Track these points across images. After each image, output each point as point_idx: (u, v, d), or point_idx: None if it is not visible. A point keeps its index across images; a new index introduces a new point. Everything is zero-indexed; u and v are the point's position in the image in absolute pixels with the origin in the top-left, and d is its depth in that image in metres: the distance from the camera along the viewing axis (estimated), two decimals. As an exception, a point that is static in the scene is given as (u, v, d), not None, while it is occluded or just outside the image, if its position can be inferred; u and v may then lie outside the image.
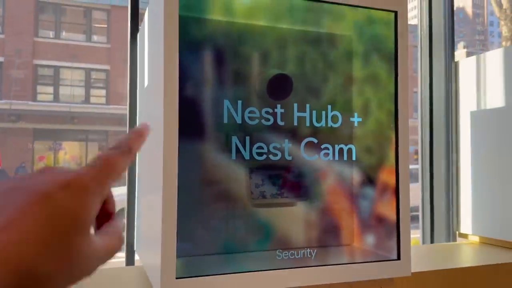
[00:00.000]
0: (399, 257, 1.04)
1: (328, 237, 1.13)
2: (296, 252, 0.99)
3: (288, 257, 0.98)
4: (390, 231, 1.06)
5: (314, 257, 1.00)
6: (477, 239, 1.62)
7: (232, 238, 1.05)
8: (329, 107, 1.06)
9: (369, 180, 1.13)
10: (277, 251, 0.98)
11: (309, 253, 1.00)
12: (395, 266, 1.04)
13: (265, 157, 1.00)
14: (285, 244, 1.07)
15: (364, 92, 1.13)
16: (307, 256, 1.00)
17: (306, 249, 1.00)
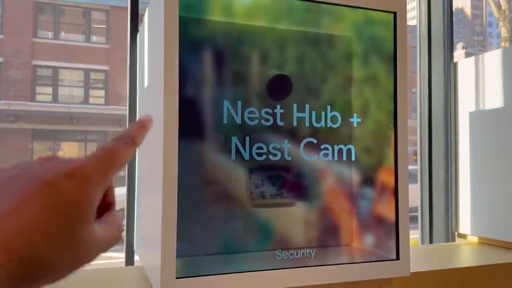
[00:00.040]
0: (398, 257, 1.04)
1: (328, 237, 1.13)
2: (295, 252, 0.99)
3: (288, 257, 0.98)
4: (389, 231, 1.07)
5: (313, 257, 1.00)
6: (475, 239, 1.62)
7: (231, 238, 1.05)
8: (328, 107, 1.06)
9: (368, 180, 1.13)
10: (277, 251, 0.98)
11: (308, 253, 1.00)
12: (394, 266, 1.04)
13: (264, 157, 1.00)
14: (284, 244, 1.08)
15: (364, 92, 1.13)
16: (306, 256, 1.00)
17: (306, 249, 1.01)
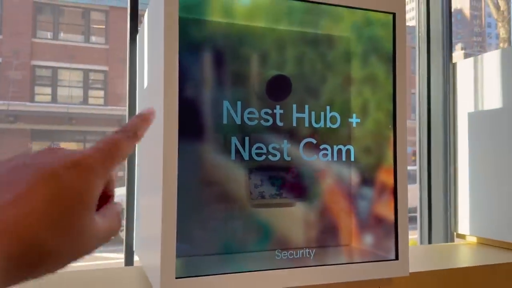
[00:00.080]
0: (397, 257, 1.04)
1: (327, 237, 1.13)
2: (295, 252, 0.99)
3: (287, 257, 0.98)
4: (388, 231, 1.07)
5: (313, 257, 1.01)
6: (474, 239, 1.63)
7: (231, 238, 1.05)
8: (327, 108, 1.06)
9: (367, 180, 1.13)
10: (276, 251, 0.99)
11: (308, 253, 1.00)
12: (393, 266, 1.04)
13: (264, 157, 1.01)
14: (284, 244, 1.08)
15: (363, 93, 1.13)
16: (306, 256, 1.00)
17: (305, 249, 1.01)
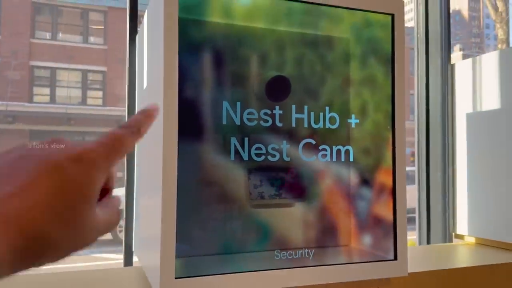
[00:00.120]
0: (396, 258, 1.05)
1: (326, 237, 1.14)
2: (294, 252, 1.00)
3: (286, 257, 0.99)
4: (387, 231, 1.07)
5: (312, 257, 1.01)
6: (473, 240, 1.63)
7: (231, 238, 1.06)
8: (327, 108, 1.07)
9: (366, 181, 1.14)
10: (275, 251, 0.99)
11: (307, 253, 1.01)
12: (392, 266, 1.05)
13: (263, 158, 1.01)
14: (283, 245, 1.08)
15: (362, 94, 1.14)
16: (305, 256, 1.00)
17: (304, 249, 1.01)
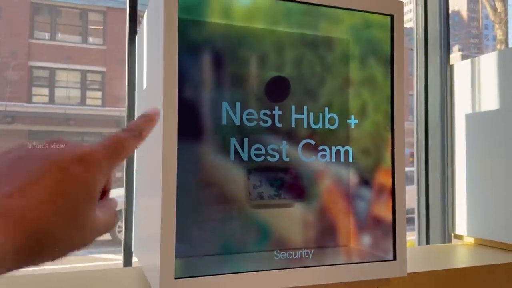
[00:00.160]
0: (395, 258, 1.05)
1: (325, 237, 1.14)
2: (293, 253, 1.00)
3: (286, 257, 0.99)
4: (386, 232, 1.07)
5: (311, 257, 1.01)
6: (472, 240, 1.63)
7: (230, 238, 1.06)
8: (326, 109, 1.07)
9: (365, 181, 1.14)
10: (275, 252, 0.99)
11: (306, 254, 1.01)
12: (391, 266, 1.05)
13: (263, 158, 1.01)
14: (282, 245, 1.08)
15: (361, 94, 1.14)
16: (304, 256, 1.01)
17: (304, 249, 1.01)
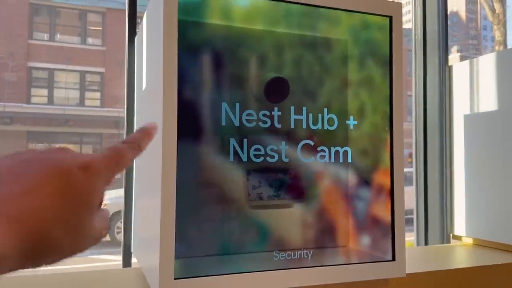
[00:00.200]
0: (394, 258, 1.05)
1: (324, 238, 1.14)
2: (292, 253, 1.00)
3: (285, 258, 0.99)
4: (385, 232, 1.08)
5: (310, 258, 1.01)
6: (470, 241, 1.64)
7: (229, 239, 1.06)
8: (325, 110, 1.07)
9: (364, 182, 1.14)
10: (274, 252, 0.99)
11: (305, 254, 1.01)
12: (390, 267, 1.05)
13: (262, 159, 1.01)
14: (282, 245, 1.09)
15: (360, 95, 1.14)
16: (303, 257, 1.01)
17: (303, 250, 1.01)
